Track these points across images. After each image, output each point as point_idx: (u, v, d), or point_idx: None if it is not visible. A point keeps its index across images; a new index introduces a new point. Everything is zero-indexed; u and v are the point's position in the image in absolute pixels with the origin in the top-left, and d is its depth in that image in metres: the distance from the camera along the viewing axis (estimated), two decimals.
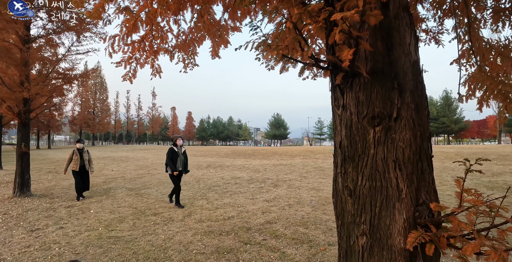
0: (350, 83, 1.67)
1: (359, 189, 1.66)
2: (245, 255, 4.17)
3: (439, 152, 17.29)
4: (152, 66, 3.26)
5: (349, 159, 1.73)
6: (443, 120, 61.07)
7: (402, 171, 1.59)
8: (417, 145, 1.62)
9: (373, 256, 1.55)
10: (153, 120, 76.39)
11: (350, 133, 1.71)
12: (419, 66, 1.71)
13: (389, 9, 1.64)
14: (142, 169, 14.42)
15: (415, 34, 1.74)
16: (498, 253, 1.20)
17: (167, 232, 5.24)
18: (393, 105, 1.62)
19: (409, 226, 1.53)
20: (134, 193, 8.86)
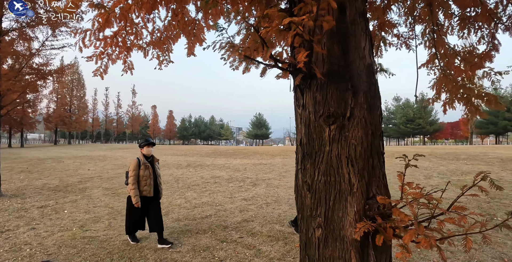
0: (309, 84, 1.76)
1: (315, 184, 1.76)
2: (221, 252, 4.21)
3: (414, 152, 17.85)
4: (124, 62, 3.24)
5: (307, 156, 1.82)
6: (419, 122, 63.17)
7: (354, 166, 1.69)
8: (368, 143, 1.73)
9: (327, 247, 1.65)
10: (132, 119, 74.71)
11: (308, 131, 1.81)
12: (373, 69, 1.82)
13: (346, 15, 1.73)
14: (120, 169, 14.14)
15: (370, 39, 1.85)
16: (428, 240, 1.31)
17: (142, 231, 5.19)
18: (347, 105, 1.71)
19: (359, 218, 1.63)
20: (111, 192, 8.70)
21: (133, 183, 4.64)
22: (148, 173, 4.74)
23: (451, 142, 77.74)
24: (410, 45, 4.61)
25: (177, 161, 17.04)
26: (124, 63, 3.23)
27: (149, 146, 4.93)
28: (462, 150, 19.68)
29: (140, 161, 4.79)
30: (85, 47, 2.94)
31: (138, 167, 4.72)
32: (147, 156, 4.93)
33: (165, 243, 4.57)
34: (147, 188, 4.71)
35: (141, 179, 4.69)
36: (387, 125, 74.60)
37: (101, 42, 2.96)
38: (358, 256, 1.58)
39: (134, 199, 4.57)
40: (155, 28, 3.11)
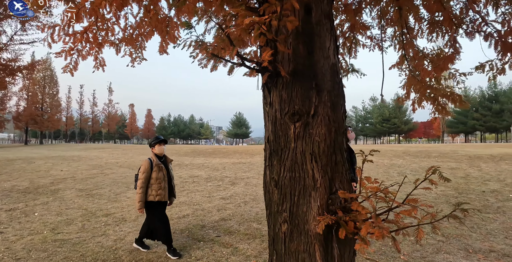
0: (275, 83, 1.80)
1: (281, 180, 1.81)
2: (198, 252, 4.20)
3: (389, 151, 18.48)
4: (95, 58, 3.16)
5: (274, 153, 1.87)
6: (394, 121, 65.25)
7: (318, 163, 1.75)
8: (331, 140, 1.79)
9: (293, 241, 1.70)
10: (109, 118, 72.56)
11: (275, 128, 1.86)
12: (337, 69, 1.89)
13: (311, 16, 1.78)
14: (95, 169, 13.73)
15: (335, 39, 1.92)
16: (381, 231, 1.38)
17: (118, 232, 5.10)
18: (311, 103, 1.77)
19: (322, 212, 1.69)
20: (84, 194, 8.44)
21: (141, 187, 4.12)
22: (162, 175, 4.22)
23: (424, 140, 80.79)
24: (382, 47, 4.77)
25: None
26: (95, 59, 3.15)
27: (161, 144, 4.37)
28: (434, 148, 20.52)
29: (152, 162, 4.24)
30: (54, 42, 2.84)
31: (150, 169, 4.19)
32: (159, 156, 4.40)
33: (174, 254, 4.10)
34: (162, 192, 4.20)
35: (154, 182, 4.17)
36: (364, 125, 76.54)
37: (70, 37, 2.87)
38: (322, 249, 1.63)
39: (138, 205, 4.10)
40: (127, 24, 3.05)
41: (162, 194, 4.21)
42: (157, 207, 4.27)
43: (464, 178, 9.49)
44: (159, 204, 4.26)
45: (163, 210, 4.37)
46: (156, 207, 4.26)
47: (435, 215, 1.69)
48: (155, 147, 4.37)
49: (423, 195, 7.38)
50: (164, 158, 4.51)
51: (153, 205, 4.23)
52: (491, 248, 4.12)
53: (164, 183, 4.24)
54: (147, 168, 4.19)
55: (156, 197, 4.16)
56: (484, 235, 4.63)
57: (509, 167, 11.27)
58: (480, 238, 4.52)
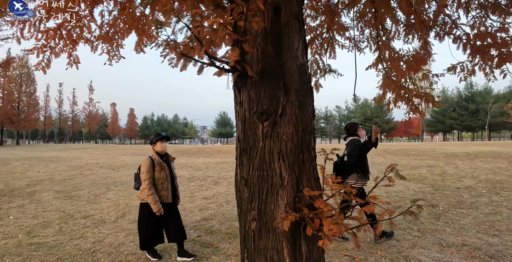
0: (245, 82, 1.83)
1: (250, 178, 1.83)
2: None
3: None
4: (69, 55, 3.08)
5: (243, 152, 1.90)
6: (376, 121, 66.65)
7: (285, 161, 1.79)
8: (299, 138, 1.83)
9: (261, 239, 1.73)
10: (89, 117, 70.70)
11: (244, 127, 1.89)
12: (305, 69, 1.93)
13: (280, 17, 1.82)
14: (74, 170, 13.39)
15: (304, 40, 1.96)
16: (338, 227, 1.43)
17: (97, 234, 5.00)
18: (279, 102, 1.80)
19: (290, 210, 1.73)
20: (63, 195, 8.21)
21: (150, 188, 3.82)
22: (164, 174, 3.96)
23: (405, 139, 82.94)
24: (355, 48, 4.88)
25: (138, 161, 16.47)
26: (69, 56, 3.08)
27: (163, 141, 4.09)
28: (413, 146, 21.10)
29: (154, 160, 3.96)
30: (25, 39, 2.75)
31: (152, 168, 3.91)
32: (161, 154, 4.13)
33: (187, 255, 3.94)
34: (165, 193, 3.93)
35: (156, 182, 3.90)
36: None
37: (43, 34, 2.79)
38: (290, 247, 1.67)
39: (155, 206, 3.77)
40: (103, 22, 2.99)
41: (165, 195, 3.95)
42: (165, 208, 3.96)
43: (440, 175, 9.81)
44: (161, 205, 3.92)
45: (171, 210, 4.08)
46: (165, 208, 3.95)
47: (393, 211, 1.75)
48: (157, 145, 4.09)
49: (401, 192, 7.59)
50: (166, 156, 4.24)
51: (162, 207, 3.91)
52: (464, 242, 4.28)
53: (167, 183, 3.98)
54: (149, 168, 3.90)
55: (159, 198, 3.91)
56: (458, 230, 4.81)
57: (483, 164, 11.73)
58: (453, 232, 4.69)
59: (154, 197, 3.81)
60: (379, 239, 4.30)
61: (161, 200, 3.91)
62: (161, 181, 3.93)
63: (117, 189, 8.89)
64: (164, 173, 3.98)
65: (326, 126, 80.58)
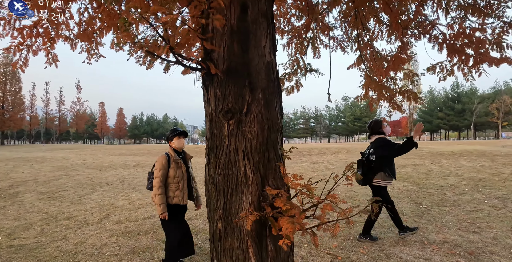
0: (211, 80, 1.82)
1: (216, 177, 1.83)
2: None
3: (358, 148, 19.07)
4: (47, 54, 3.02)
5: (210, 150, 1.90)
6: (365, 120, 67.45)
7: (250, 160, 1.79)
8: (264, 137, 1.83)
9: (227, 238, 1.72)
10: (77, 116, 69.56)
11: (211, 126, 1.88)
12: (272, 67, 1.93)
13: (247, 14, 1.81)
14: (59, 171, 13.14)
15: (272, 38, 1.95)
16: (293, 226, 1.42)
17: (80, 236, 4.91)
18: (244, 101, 1.80)
19: (254, 209, 1.73)
20: (46, 196, 8.05)
21: (159, 186, 3.45)
22: (180, 173, 3.59)
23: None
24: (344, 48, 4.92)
25: (125, 161, 16.29)
26: (47, 55, 3.01)
27: (180, 137, 3.73)
28: None
29: (170, 157, 3.62)
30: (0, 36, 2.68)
31: (167, 166, 3.55)
32: (178, 152, 3.77)
33: None
34: (180, 194, 3.56)
35: (171, 182, 3.55)
36: (337, 123, 78.54)
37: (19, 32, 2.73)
38: (255, 246, 1.66)
39: (160, 208, 3.42)
40: (82, 19, 2.93)
41: (180, 196, 3.57)
42: (172, 212, 3.56)
43: (425, 174, 9.97)
44: (175, 208, 3.59)
45: (181, 217, 3.78)
46: (172, 212, 3.55)
47: (351, 210, 1.76)
48: (174, 141, 3.74)
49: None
50: (183, 154, 3.88)
51: (169, 209, 3.52)
52: (445, 239, 4.36)
53: (183, 182, 3.61)
54: (164, 164, 3.53)
55: (173, 199, 3.54)
56: (439, 227, 4.89)
57: (467, 163, 11.97)
58: (435, 230, 4.77)
59: (162, 198, 3.45)
60: (362, 238, 4.33)
61: (174, 202, 3.56)
62: (176, 179, 3.57)
63: (102, 190, 8.77)
64: (181, 171, 3.63)
65: (316, 125, 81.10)
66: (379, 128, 4.46)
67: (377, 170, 4.35)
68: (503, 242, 4.24)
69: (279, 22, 4.59)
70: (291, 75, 3.59)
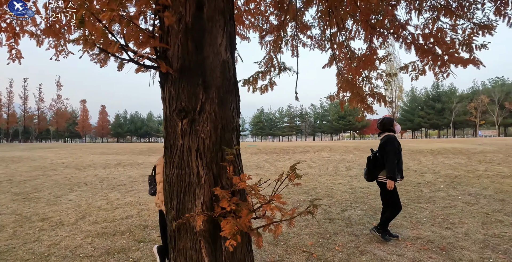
0: (166, 79, 1.79)
1: (170, 177, 1.80)
2: (137, 253, 4.06)
3: (342, 146, 19.31)
4: (10, 50, 2.89)
5: (166, 150, 1.87)
6: (349, 119, 68.46)
7: (203, 159, 1.77)
8: (217, 136, 1.81)
9: (181, 238, 1.70)
10: (57, 114, 67.58)
11: (166, 125, 1.85)
12: (228, 65, 1.91)
13: (203, 12, 1.78)
14: (37, 171, 12.74)
15: (230, 36, 1.93)
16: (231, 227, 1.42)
17: (53, 237, 4.77)
18: (198, 99, 1.77)
19: (206, 209, 1.71)
20: (21, 197, 7.78)
21: None
22: None
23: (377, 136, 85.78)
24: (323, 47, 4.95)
25: (106, 160, 15.94)
26: (10, 50, 2.88)
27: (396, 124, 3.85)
28: None
29: None
30: None
31: None
32: None
33: None
34: None
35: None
36: (322, 122, 79.41)
37: None
38: (208, 246, 1.65)
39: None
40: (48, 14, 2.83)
41: None
42: None
43: (404, 171, 10.17)
44: None
45: None
46: None
47: (295, 210, 1.77)
48: None
49: (366, 188, 7.83)
50: None
51: None
52: (419, 235, 4.47)
53: None
54: None
55: None
56: (414, 224, 5.01)
57: (444, 160, 12.32)
58: (410, 226, 4.89)
59: None
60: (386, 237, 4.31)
61: None
62: None
63: (80, 190, 8.55)
64: None
65: (302, 124, 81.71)
66: (391, 126, 4.45)
67: (383, 167, 4.38)
68: (473, 237, 4.38)
69: (258, 20, 4.57)
70: (264, 74, 3.58)
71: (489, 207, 5.88)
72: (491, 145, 17.73)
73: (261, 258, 3.79)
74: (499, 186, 7.68)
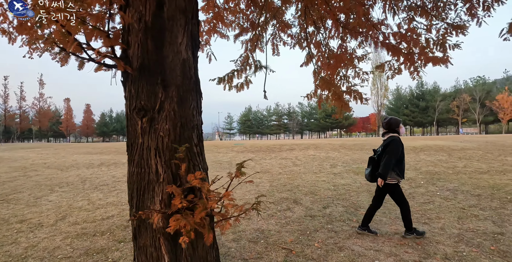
0: (127, 78, 1.79)
1: (131, 175, 1.81)
2: (116, 253, 4.03)
3: (328, 144, 19.53)
4: None
5: (128, 148, 1.87)
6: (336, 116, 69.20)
7: (161, 158, 1.78)
8: (176, 135, 1.83)
9: (141, 236, 1.72)
10: (40, 114, 65.80)
11: (127, 123, 1.86)
12: (189, 64, 1.92)
13: (163, 11, 1.78)
14: (17, 171, 12.41)
15: (191, 35, 1.94)
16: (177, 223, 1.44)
17: (32, 239, 4.68)
18: (157, 98, 1.79)
19: (165, 207, 1.73)
20: None
21: None
22: None
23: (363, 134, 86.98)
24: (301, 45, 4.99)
25: (90, 160, 15.67)
26: None
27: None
28: (368, 141, 22.15)
29: None
30: None
31: None
32: None
33: None
34: None
35: None
36: (309, 120, 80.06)
37: None
38: (168, 243, 1.66)
39: None
40: None
41: None
42: None
43: None
44: None
45: None
46: None
47: (243, 206, 1.81)
48: None
49: (348, 185, 7.95)
50: None
51: None
52: (396, 231, 4.58)
53: None
54: None
55: None
56: (393, 219, 5.12)
57: (426, 157, 12.61)
58: (388, 222, 5.00)
59: None
60: (408, 235, 4.35)
61: None
62: None
63: (61, 191, 8.39)
64: None
65: (289, 122, 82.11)
66: (397, 127, 4.41)
67: None
68: (449, 232, 4.52)
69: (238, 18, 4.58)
70: (239, 72, 3.59)
71: (466, 202, 6.07)
72: (471, 142, 18.25)
73: (241, 255, 3.82)
74: (476, 182, 7.92)
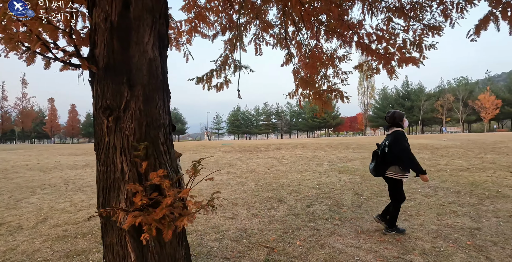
0: (93, 77, 1.80)
1: (98, 174, 1.82)
2: (97, 255, 3.98)
3: (315, 143, 19.71)
4: None
5: (95, 147, 1.88)
6: (324, 116, 69.90)
7: (127, 156, 1.81)
8: (142, 133, 1.86)
9: (107, 234, 1.73)
10: (23, 114, 64.18)
11: (94, 123, 1.87)
12: (156, 63, 1.94)
13: (130, 11, 1.80)
14: None
15: (159, 34, 1.95)
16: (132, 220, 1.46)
17: (10, 242, 4.58)
18: (122, 97, 1.81)
19: (130, 205, 1.75)
20: None
21: None
22: None
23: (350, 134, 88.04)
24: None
25: (74, 161, 15.39)
26: None
27: None
28: (355, 140, 22.46)
29: None
30: None
31: None
32: None
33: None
34: None
35: None
36: (298, 119, 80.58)
37: None
38: (134, 241, 1.68)
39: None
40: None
41: None
42: None
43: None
44: None
45: None
46: None
47: (201, 203, 1.84)
48: None
49: (333, 183, 8.05)
50: None
51: None
52: (377, 228, 4.67)
53: None
54: None
55: None
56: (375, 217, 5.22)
57: None
58: (370, 219, 5.09)
59: None
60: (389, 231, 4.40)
61: None
62: None
63: (43, 193, 8.22)
64: None
65: (278, 122, 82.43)
66: (401, 120, 4.38)
67: (391, 163, 4.35)
68: (428, 228, 4.63)
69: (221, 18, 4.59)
70: (218, 72, 3.61)
71: (445, 199, 6.24)
72: (454, 141, 18.72)
73: (223, 254, 3.83)
74: (457, 179, 8.15)
